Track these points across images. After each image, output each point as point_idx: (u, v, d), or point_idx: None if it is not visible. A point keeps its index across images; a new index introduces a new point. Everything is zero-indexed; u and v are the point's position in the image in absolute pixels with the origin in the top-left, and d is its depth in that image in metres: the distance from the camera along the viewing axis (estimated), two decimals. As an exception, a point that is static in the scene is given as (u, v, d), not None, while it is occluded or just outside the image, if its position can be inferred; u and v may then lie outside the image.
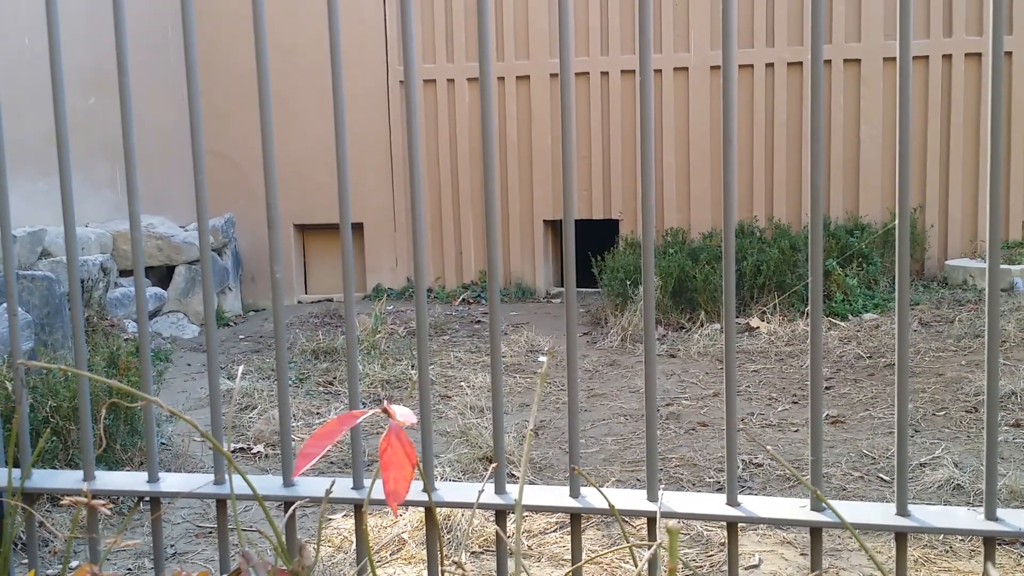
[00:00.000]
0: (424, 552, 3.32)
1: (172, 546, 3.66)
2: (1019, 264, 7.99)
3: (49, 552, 3.60)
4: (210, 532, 3.79)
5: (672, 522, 1.09)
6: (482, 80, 1.84)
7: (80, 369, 1.84)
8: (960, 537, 3.37)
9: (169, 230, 8.21)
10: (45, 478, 2.08)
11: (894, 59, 9.48)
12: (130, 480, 2.07)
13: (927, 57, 8.57)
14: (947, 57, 8.60)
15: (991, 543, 1.68)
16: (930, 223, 8.76)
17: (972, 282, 8.08)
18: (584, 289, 8.62)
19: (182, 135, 8.17)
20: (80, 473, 2.04)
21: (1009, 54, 8.40)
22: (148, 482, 1.99)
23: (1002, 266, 7.52)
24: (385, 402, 1.23)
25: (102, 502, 1.39)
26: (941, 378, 5.63)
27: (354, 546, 3.38)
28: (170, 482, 2.00)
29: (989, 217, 1.68)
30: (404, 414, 1.20)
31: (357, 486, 1.93)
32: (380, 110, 9.39)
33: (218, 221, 8.76)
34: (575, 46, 9.01)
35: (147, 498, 1.99)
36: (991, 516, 1.68)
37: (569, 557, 2.64)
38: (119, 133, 1.95)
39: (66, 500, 1.42)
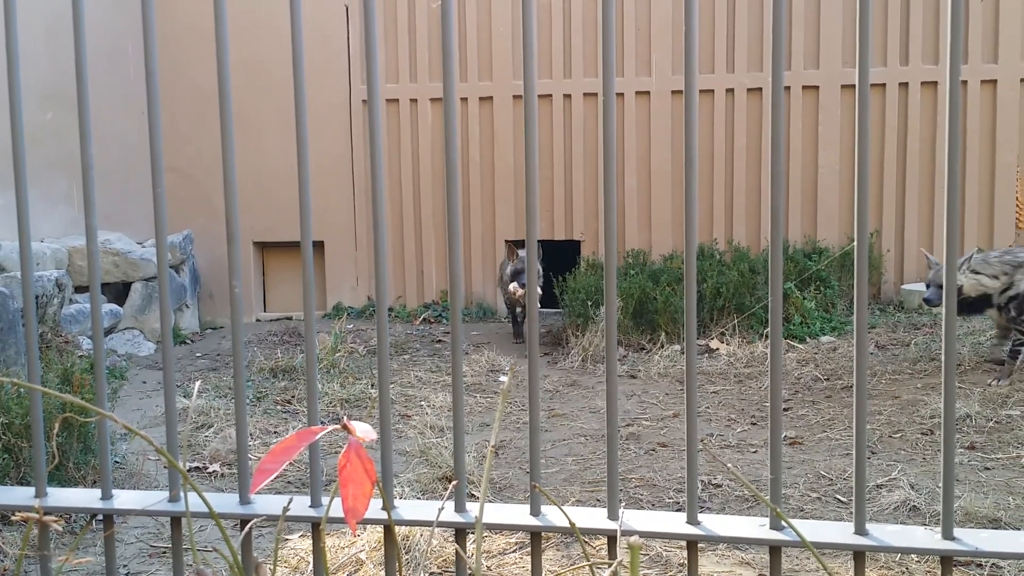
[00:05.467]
0: (382, 573, 3.29)
1: (125, 566, 3.59)
2: (973, 289, 8.11)
3: (-2, 572, 3.52)
4: (164, 552, 3.73)
5: (633, 538, 1.09)
6: (446, 101, 1.85)
7: (33, 384, 1.81)
8: (917, 558, 3.40)
9: (126, 246, 8.11)
10: (-5, 495, 2.05)
11: (852, 86, 9.64)
12: (83, 497, 2.03)
13: (884, 85, 8.72)
14: (903, 85, 8.75)
15: (948, 562, 1.70)
16: (886, 248, 8.89)
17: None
18: (546, 310, 8.64)
19: (141, 151, 8.11)
20: (32, 490, 2.01)
21: (965, 83, 8.57)
22: (101, 499, 1.96)
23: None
24: (345, 418, 1.22)
25: (54, 518, 1.36)
26: (897, 400, 5.69)
27: (311, 567, 3.34)
28: (124, 499, 1.97)
29: (946, 243, 1.71)
30: (364, 430, 1.19)
31: (315, 504, 1.91)
32: (342, 129, 9.38)
33: (176, 238, 8.67)
34: (538, 68, 9.05)
35: (100, 515, 1.96)
36: (948, 535, 1.70)
37: (528, 578, 2.63)
38: (77, 148, 1.93)
39: (17, 516, 1.39)
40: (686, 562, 1.80)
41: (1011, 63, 8.61)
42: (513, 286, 7.72)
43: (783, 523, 1.72)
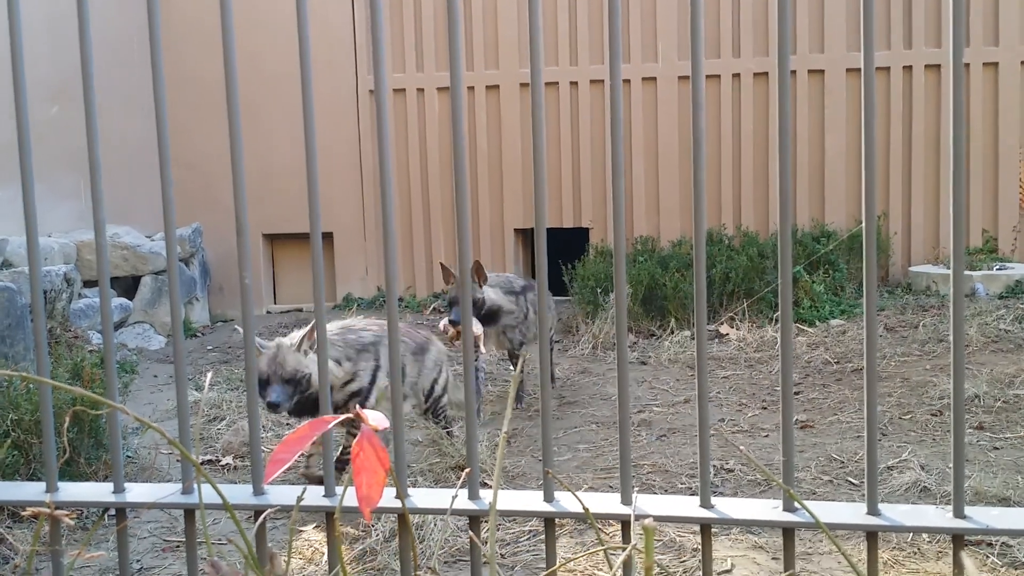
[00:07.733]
0: (396, 563, 3.30)
1: (138, 560, 3.61)
2: (980, 270, 8.10)
3: (10, 568, 3.54)
4: (177, 545, 3.75)
5: (647, 520, 1.09)
6: (453, 90, 1.84)
7: (42, 378, 1.82)
8: (928, 539, 3.40)
9: (135, 240, 8.13)
10: (6, 490, 2.04)
11: (857, 70, 9.60)
12: (95, 491, 2.02)
13: (888, 68, 8.69)
14: (907, 68, 8.72)
15: (960, 540, 1.70)
16: (893, 230, 8.87)
17: (935, 288, 8.18)
18: (555, 297, 8.63)
19: (148, 144, 8.08)
20: (43, 485, 1.99)
21: (968, 66, 8.55)
22: (113, 493, 1.95)
23: (964, 272, 7.57)
24: (357, 407, 1.22)
25: (65, 512, 1.37)
26: (907, 382, 5.68)
27: (325, 558, 3.35)
28: (136, 492, 1.96)
29: (953, 226, 1.70)
30: (376, 419, 1.19)
31: (328, 493, 1.91)
32: (350, 119, 9.37)
33: (185, 231, 8.69)
34: (544, 56, 9.04)
35: (112, 509, 1.95)
36: (959, 514, 1.70)
37: (543, 565, 2.63)
38: (83, 143, 1.92)
39: (28, 512, 1.39)
40: (700, 546, 1.80)
41: (1012, 46, 8.59)
42: (444, 323, 5.20)
43: (796, 505, 1.72)
